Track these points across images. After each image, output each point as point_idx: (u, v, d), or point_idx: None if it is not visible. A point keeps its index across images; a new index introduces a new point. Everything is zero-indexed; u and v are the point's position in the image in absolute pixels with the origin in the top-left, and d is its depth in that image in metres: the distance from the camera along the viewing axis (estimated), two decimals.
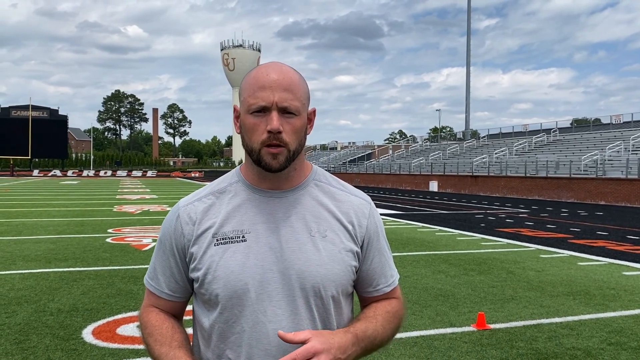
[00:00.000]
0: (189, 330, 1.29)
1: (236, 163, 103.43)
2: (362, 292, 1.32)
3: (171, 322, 1.27)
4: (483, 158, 37.70)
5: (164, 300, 1.29)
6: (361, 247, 1.26)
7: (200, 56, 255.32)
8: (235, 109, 1.24)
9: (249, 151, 1.19)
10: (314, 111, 1.26)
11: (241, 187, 1.25)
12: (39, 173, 68.78)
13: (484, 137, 48.74)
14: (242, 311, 1.17)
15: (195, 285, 1.23)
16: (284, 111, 1.14)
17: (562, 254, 8.93)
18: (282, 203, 1.22)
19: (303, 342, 1.09)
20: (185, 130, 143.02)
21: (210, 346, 1.22)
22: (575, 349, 4.19)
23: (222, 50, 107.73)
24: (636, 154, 28.23)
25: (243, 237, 1.19)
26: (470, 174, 34.78)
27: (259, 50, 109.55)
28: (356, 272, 1.27)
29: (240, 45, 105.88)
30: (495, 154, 38.58)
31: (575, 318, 5.06)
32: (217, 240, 1.19)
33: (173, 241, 1.25)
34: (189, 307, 1.32)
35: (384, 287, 1.31)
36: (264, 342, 1.16)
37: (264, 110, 1.14)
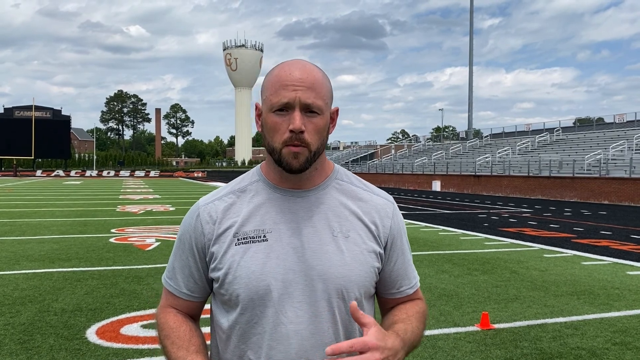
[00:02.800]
0: (206, 329, 1.28)
1: (238, 163, 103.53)
2: (384, 294, 1.29)
3: (189, 325, 1.24)
4: (486, 157, 37.63)
5: (182, 300, 1.27)
6: (384, 248, 1.23)
7: (203, 56, 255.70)
8: (257, 107, 1.22)
9: (270, 150, 1.17)
10: (337, 110, 1.23)
11: (262, 186, 1.23)
12: (42, 173, 68.93)
13: (487, 136, 48.65)
14: (263, 312, 1.15)
15: (215, 286, 1.21)
16: (307, 110, 1.12)
17: (566, 253, 8.91)
18: (304, 203, 1.20)
19: (363, 327, 1.06)
20: (188, 131, 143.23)
21: (229, 347, 1.20)
22: (580, 349, 4.18)
23: (224, 50, 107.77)
24: (639, 153, 28.15)
25: (264, 236, 1.17)
26: (473, 173, 34.72)
27: (262, 50, 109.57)
28: (379, 274, 1.24)
29: (243, 45, 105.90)
30: (498, 153, 38.51)
31: (580, 318, 5.05)
32: (238, 239, 1.18)
33: (193, 240, 1.23)
34: (206, 307, 1.31)
35: (407, 289, 1.29)
36: (284, 343, 1.14)
37: (286, 109, 1.12)
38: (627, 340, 4.40)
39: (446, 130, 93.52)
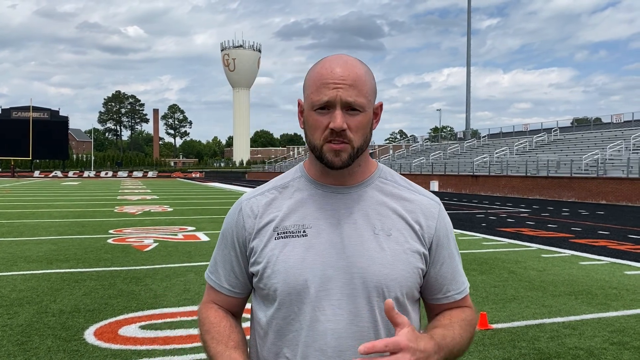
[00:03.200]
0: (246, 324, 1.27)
1: (237, 163, 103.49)
2: (430, 299, 1.25)
3: (229, 321, 1.24)
4: (484, 158, 37.67)
5: (223, 296, 1.27)
6: (429, 250, 1.20)
7: (201, 57, 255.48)
8: (299, 104, 1.20)
9: (311, 147, 1.16)
10: (381, 105, 1.21)
11: (304, 182, 1.22)
12: (40, 174, 68.80)
13: (485, 136, 48.70)
14: (301, 308, 1.13)
15: (255, 280, 1.21)
16: (349, 107, 1.10)
17: (564, 253, 8.92)
18: (345, 199, 1.18)
19: (397, 327, 1.04)
20: (185, 131, 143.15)
21: (266, 344, 1.19)
22: (578, 349, 4.19)
23: (222, 50, 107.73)
24: (637, 153, 28.19)
25: (304, 231, 1.16)
26: (471, 173, 34.76)
27: (260, 51, 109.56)
28: (423, 277, 1.21)
29: (241, 46, 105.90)
30: (496, 153, 38.55)
31: (578, 318, 5.06)
32: (278, 234, 1.17)
33: (234, 234, 1.23)
34: (248, 305, 1.30)
35: (454, 294, 1.24)
36: (320, 341, 1.11)
37: (327, 107, 1.11)
38: (624, 340, 4.41)
39: (444, 130, 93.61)
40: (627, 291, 6.15)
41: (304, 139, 1.20)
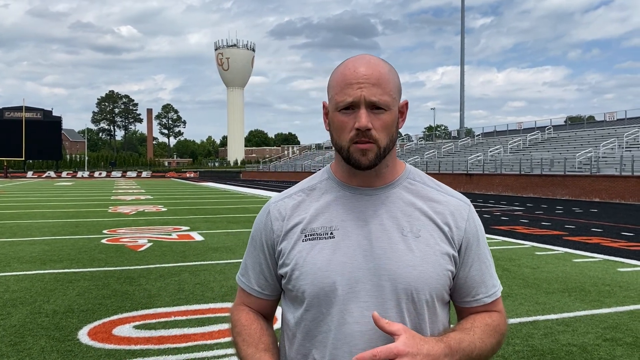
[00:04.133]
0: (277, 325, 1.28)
1: (231, 163, 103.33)
2: (459, 302, 1.23)
3: (260, 324, 1.25)
4: (478, 156, 37.78)
5: (254, 298, 1.28)
6: (458, 252, 1.18)
7: (195, 56, 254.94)
8: (324, 106, 1.20)
9: (338, 149, 1.15)
10: (406, 104, 1.21)
11: (331, 184, 1.22)
12: (33, 174, 68.48)
13: (479, 135, 48.84)
14: (329, 309, 1.13)
15: (283, 282, 1.21)
16: (373, 107, 1.10)
17: (557, 251, 8.96)
18: (373, 200, 1.18)
19: (392, 335, 1.04)
20: (179, 131, 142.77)
21: (294, 345, 1.19)
22: (571, 345, 4.21)
23: (216, 50, 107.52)
24: (630, 150, 28.35)
25: (331, 233, 1.15)
26: (465, 172, 34.86)
27: (253, 50, 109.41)
28: (453, 279, 1.19)
29: (235, 45, 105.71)
30: (490, 152, 38.67)
31: (571, 314, 5.08)
32: (306, 236, 1.17)
33: (263, 237, 1.24)
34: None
35: (484, 298, 1.21)
36: (349, 343, 1.11)
37: (352, 107, 1.10)
38: (617, 336, 4.44)
39: (438, 129, 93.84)
40: (620, 288, 6.18)
41: (329, 140, 1.20)
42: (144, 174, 73.25)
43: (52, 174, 69.95)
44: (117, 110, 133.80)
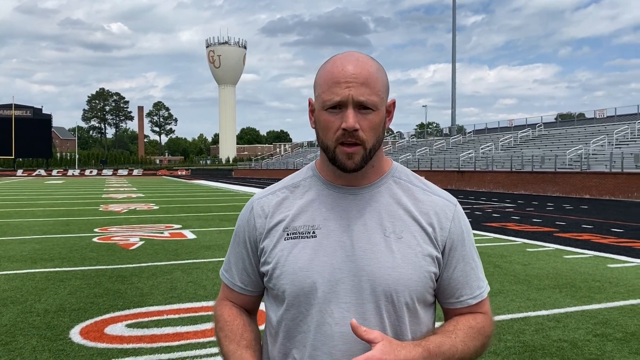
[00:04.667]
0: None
1: (223, 161, 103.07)
2: (444, 304, 1.22)
3: (243, 319, 1.25)
4: (469, 153, 37.92)
5: (237, 294, 1.28)
6: (442, 253, 1.16)
7: (187, 54, 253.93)
8: (310, 103, 1.19)
9: (324, 148, 1.14)
10: (394, 103, 1.18)
11: (315, 181, 1.21)
12: (23, 173, 67.98)
13: (470, 132, 49.01)
14: (308, 310, 1.12)
15: (265, 280, 1.21)
16: (361, 107, 1.08)
17: (548, 247, 9.02)
18: (357, 200, 1.16)
19: (370, 343, 1.03)
20: (171, 129, 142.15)
21: (276, 344, 1.18)
22: (562, 341, 4.24)
23: (207, 47, 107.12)
24: (619, 147, 28.58)
25: (313, 232, 1.14)
26: (457, 169, 34.98)
27: (245, 47, 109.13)
28: (436, 280, 1.17)
29: (226, 42, 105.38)
30: (482, 149, 38.83)
31: (562, 310, 5.12)
32: (288, 234, 1.16)
33: (246, 234, 1.23)
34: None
35: (468, 299, 1.20)
36: (328, 344, 1.10)
37: (339, 107, 1.08)
38: (607, 331, 4.48)
39: (430, 126, 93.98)
40: (610, 284, 6.24)
41: (315, 139, 1.19)
42: (135, 172, 72.93)
43: (42, 172, 69.46)
44: (107, 108, 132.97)
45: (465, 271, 1.19)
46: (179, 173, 73.21)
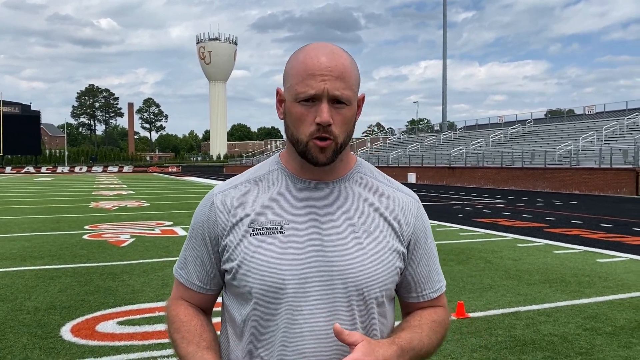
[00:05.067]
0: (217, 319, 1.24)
1: (214, 157, 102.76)
2: (405, 298, 1.23)
3: (200, 319, 1.20)
4: (460, 149, 38.07)
5: (193, 292, 1.22)
6: (407, 248, 1.17)
7: (177, 50, 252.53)
8: (278, 93, 1.15)
9: (294, 142, 1.10)
10: (363, 97, 1.16)
11: (281, 175, 1.17)
12: (11, 170, 67.37)
13: (461, 128, 49.21)
14: (277, 308, 1.09)
15: (228, 277, 1.16)
16: (335, 101, 1.06)
17: (538, 242, 9.09)
18: (325, 195, 1.14)
19: (351, 346, 1.02)
20: (161, 125, 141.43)
21: (241, 343, 1.15)
22: (552, 335, 4.28)
23: (198, 43, 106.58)
24: (608, 144, 28.81)
25: (281, 228, 1.11)
26: (448, 165, 35.11)
27: (235, 44, 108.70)
28: (401, 275, 1.18)
29: (217, 38, 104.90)
30: (472, 145, 38.99)
31: (552, 305, 5.16)
32: (254, 230, 1.12)
33: (206, 229, 1.17)
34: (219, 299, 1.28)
35: (430, 293, 1.22)
36: (298, 342, 1.08)
37: (313, 100, 1.05)
38: (597, 325, 4.52)
39: (421, 122, 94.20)
40: (600, 278, 6.30)
41: (283, 131, 1.16)
42: (126, 168, 72.50)
43: (31, 169, 68.89)
44: (97, 105, 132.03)
45: (428, 266, 1.22)
46: (170, 170, 72.90)
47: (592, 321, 4.64)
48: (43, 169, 69.36)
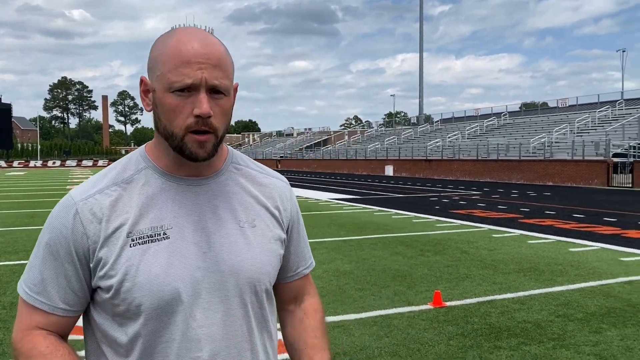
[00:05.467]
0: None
1: None
2: (281, 279, 1.20)
3: (66, 348, 1.03)
4: (437, 142, 38.44)
5: (56, 318, 1.04)
6: (286, 233, 1.17)
7: (152, 42, 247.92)
8: (143, 82, 1.04)
9: (167, 136, 1.01)
10: (237, 87, 1.09)
11: (152, 174, 1.06)
12: None
13: (438, 121, 49.66)
14: (171, 318, 1.00)
15: (105, 296, 1.01)
16: (213, 91, 0.98)
17: (513, 233, 9.27)
18: (204, 191, 1.07)
19: None
20: (137, 118, 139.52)
21: None
22: (526, 322, 4.39)
23: None
24: (581, 136, 29.40)
25: (164, 233, 1.01)
26: (425, 158, 35.43)
27: None
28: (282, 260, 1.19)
29: None
30: (449, 138, 39.40)
31: (526, 293, 5.29)
32: (133, 240, 1.00)
33: (71, 244, 1.01)
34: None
35: (303, 270, 1.24)
36: (194, 348, 1.01)
37: (189, 90, 0.97)
38: (569, 312, 4.65)
39: (398, 115, 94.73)
40: (572, 267, 6.46)
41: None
42: (100, 162, 71.41)
43: (2, 163, 67.39)
44: (70, 97, 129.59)
45: (301, 245, 1.22)
46: None
47: (564, 308, 4.78)
48: (15, 163, 67.92)
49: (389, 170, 36.00)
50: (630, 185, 21.97)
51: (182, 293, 1.00)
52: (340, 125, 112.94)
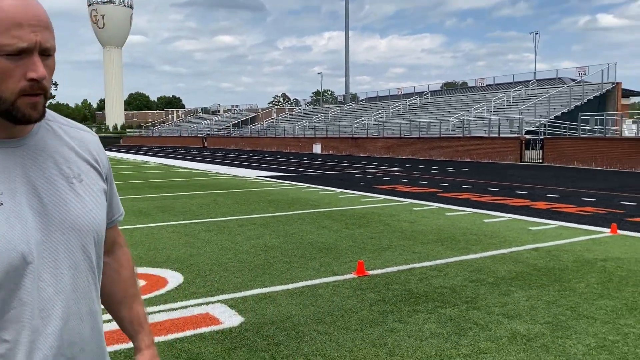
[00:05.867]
0: None
1: (110, 128, 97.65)
2: None
3: None
4: (362, 120, 39.13)
5: None
6: (106, 183, 1.20)
7: (67, 13, 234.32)
8: None
9: None
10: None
11: None
12: None
13: (363, 100, 50.44)
14: (19, 283, 0.98)
15: None
16: (42, 53, 0.98)
17: (432, 206, 9.71)
18: (25, 152, 1.04)
19: None
20: (51, 94, 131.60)
21: None
22: (443, 287, 4.68)
23: (89, 6, 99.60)
24: (497, 114, 30.93)
25: None
26: (351, 136, 36.01)
27: (131, 7, 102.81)
28: None
29: (110, 1, 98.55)
30: (373, 116, 40.20)
31: (443, 261, 5.61)
32: None
33: None
34: None
35: (118, 217, 1.30)
36: (46, 307, 1.01)
37: (20, 53, 0.95)
38: (481, 277, 5.00)
39: (325, 94, 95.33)
40: (485, 236, 6.90)
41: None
42: None
43: None
44: None
45: (115, 194, 1.27)
46: None
47: (477, 274, 5.12)
48: None
49: (317, 148, 36.31)
50: (540, 161, 23.44)
51: (27, 256, 0.99)
52: (269, 103, 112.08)
